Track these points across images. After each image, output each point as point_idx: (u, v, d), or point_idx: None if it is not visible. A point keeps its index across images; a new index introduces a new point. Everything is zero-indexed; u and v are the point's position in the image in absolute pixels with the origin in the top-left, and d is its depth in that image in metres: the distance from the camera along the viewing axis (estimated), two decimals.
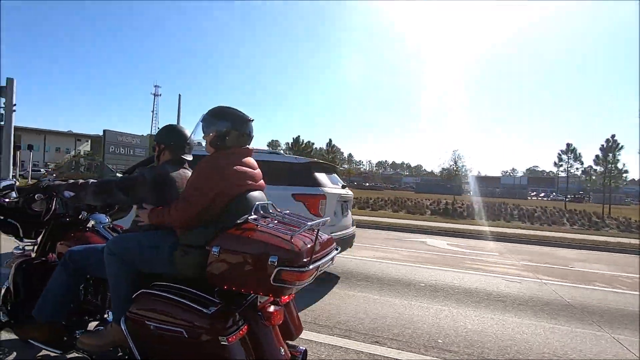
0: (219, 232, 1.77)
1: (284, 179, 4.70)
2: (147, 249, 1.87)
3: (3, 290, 2.38)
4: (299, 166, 5.03)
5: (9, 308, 2.30)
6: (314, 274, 1.78)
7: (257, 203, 1.92)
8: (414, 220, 15.85)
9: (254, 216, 1.86)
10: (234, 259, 1.71)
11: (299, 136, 43.08)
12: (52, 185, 2.19)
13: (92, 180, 2.07)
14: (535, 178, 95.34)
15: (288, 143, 44.44)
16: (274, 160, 4.96)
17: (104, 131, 16.78)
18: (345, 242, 4.99)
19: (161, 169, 2.08)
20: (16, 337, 2.43)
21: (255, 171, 2.02)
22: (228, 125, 1.94)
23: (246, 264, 1.69)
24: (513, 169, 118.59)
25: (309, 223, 1.78)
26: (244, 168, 1.95)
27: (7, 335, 2.53)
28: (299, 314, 2.23)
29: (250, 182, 1.96)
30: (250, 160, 2.03)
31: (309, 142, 43.29)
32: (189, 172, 2.21)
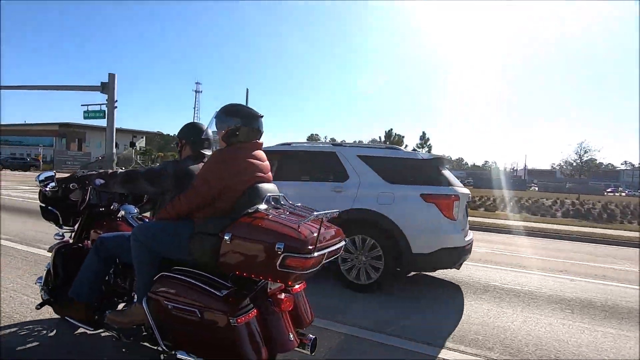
0: (231, 221, 1.89)
1: (408, 177, 4.15)
2: (167, 236, 2.02)
3: (44, 273, 2.63)
4: (424, 162, 4.35)
5: (49, 288, 2.54)
6: (320, 262, 1.85)
7: (268, 194, 2.03)
8: (551, 224, 12.32)
9: (264, 206, 1.96)
10: (244, 246, 1.82)
11: (391, 129, 39.00)
12: (85, 175, 2.41)
13: (120, 170, 2.26)
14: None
15: (380, 137, 39.93)
16: (394, 156, 4.34)
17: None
18: (468, 251, 4.26)
19: (182, 163, 2.24)
20: (56, 317, 2.68)
21: (264, 163, 2.13)
22: (238, 122, 2.07)
23: (255, 250, 1.79)
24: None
25: (315, 213, 1.86)
26: (253, 161, 2.06)
27: (48, 315, 2.79)
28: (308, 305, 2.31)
29: (259, 174, 2.06)
30: (260, 153, 2.14)
31: (400, 135, 38.58)
32: None
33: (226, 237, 1.84)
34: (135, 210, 2.74)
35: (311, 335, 2.20)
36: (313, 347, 2.11)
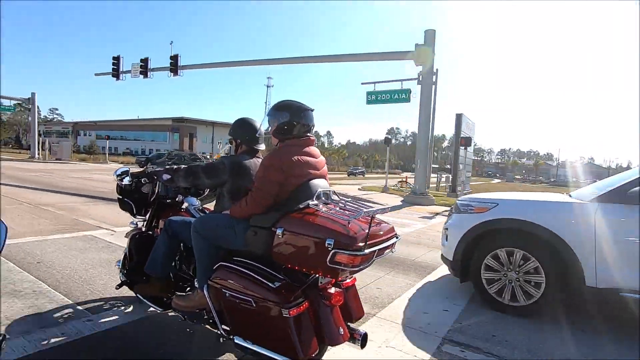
0: (283, 215, 1.95)
1: None
2: (223, 228, 2.15)
3: (122, 257, 2.94)
4: None
5: (126, 271, 2.84)
6: (370, 259, 1.85)
7: (319, 190, 2.06)
8: None
9: (315, 202, 1.99)
10: (295, 240, 1.87)
11: None
12: (154, 171, 2.65)
13: (183, 166, 2.45)
14: None
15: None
16: None
17: None
18: None
19: (238, 158, 2.36)
20: (132, 295, 3.00)
21: (317, 159, 2.15)
22: (288, 117, 2.10)
23: (306, 245, 1.84)
24: None
25: (364, 210, 1.84)
26: (306, 158, 2.09)
27: (125, 294, 3.13)
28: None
29: (311, 172, 2.09)
30: (313, 149, 2.17)
31: None
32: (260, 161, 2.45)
33: (278, 231, 1.91)
34: (197, 202, 2.95)
35: (362, 330, 2.21)
36: (364, 341, 2.12)
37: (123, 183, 2.67)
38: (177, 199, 2.99)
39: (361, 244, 1.77)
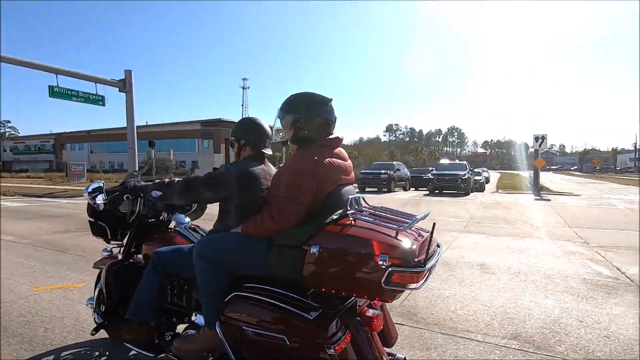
0: (316, 230, 1.61)
1: None
2: (238, 250, 1.76)
3: (96, 292, 2.42)
4: None
5: (102, 310, 2.32)
6: (427, 276, 1.55)
7: (350, 197, 1.74)
8: None
9: (351, 210, 1.67)
10: (336, 259, 1.53)
11: None
12: (139, 186, 2.17)
13: (177, 179, 2.01)
14: None
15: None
16: None
17: None
18: None
19: (245, 165, 1.97)
20: (108, 337, 2.47)
21: (347, 163, 1.84)
22: (306, 113, 1.76)
23: (351, 264, 1.51)
24: None
25: (418, 217, 1.56)
26: (337, 161, 1.76)
27: (100, 335, 2.58)
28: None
29: (344, 177, 1.78)
30: (341, 151, 1.84)
31: None
32: (271, 167, 2.08)
33: (313, 250, 1.56)
34: (187, 220, 2.50)
35: (400, 355, 1.93)
36: None
37: (96, 202, 2.15)
38: (161, 218, 2.52)
39: (421, 258, 1.47)
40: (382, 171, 18.57)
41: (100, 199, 2.15)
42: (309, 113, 1.76)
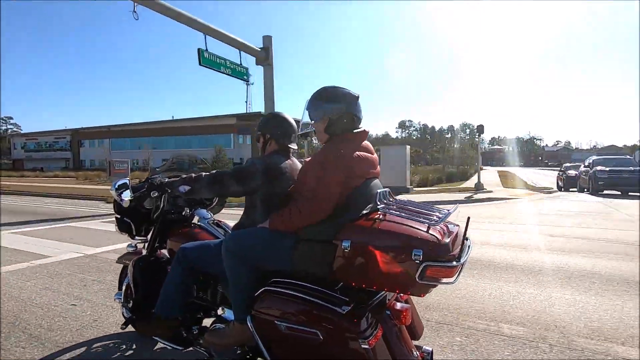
0: (346, 225, 1.60)
1: None
2: (266, 245, 1.76)
3: (123, 287, 2.45)
4: None
5: (130, 305, 2.36)
6: (460, 270, 1.54)
7: (378, 190, 1.73)
8: None
9: (381, 205, 1.66)
10: (368, 254, 1.53)
11: None
12: (166, 182, 2.18)
13: (204, 173, 2.01)
14: None
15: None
16: None
17: None
18: None
19: (271, 159, 1.97)
20: (132, 331, 2.51)
21: (374, 156, 1.83)
22: (340, 108, 1.75)
23: (384, 259, 1.50)
24: None
25: (450, 211, 1.54)
26: (365, 155, 1.75)
27: (128, 328, 2.63)
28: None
29: (372, 171, 1.77)
30: (368, 145, 1.83)
31: None
32: (296, 162, 2.08)
33: (344, 245, 1.55)
34: (210, 215, 2.52)
35: (428, 348, 1.93)
36: None
37: (123, 199, 2.17)
38: (183, 213, 2.54)
39: (456, 252, 1.46)
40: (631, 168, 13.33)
41: (126, 196, 2.16)
42: (340, 107, 1.75)
